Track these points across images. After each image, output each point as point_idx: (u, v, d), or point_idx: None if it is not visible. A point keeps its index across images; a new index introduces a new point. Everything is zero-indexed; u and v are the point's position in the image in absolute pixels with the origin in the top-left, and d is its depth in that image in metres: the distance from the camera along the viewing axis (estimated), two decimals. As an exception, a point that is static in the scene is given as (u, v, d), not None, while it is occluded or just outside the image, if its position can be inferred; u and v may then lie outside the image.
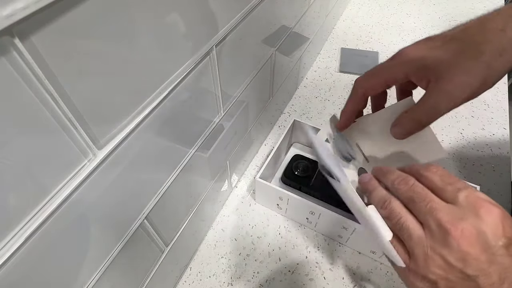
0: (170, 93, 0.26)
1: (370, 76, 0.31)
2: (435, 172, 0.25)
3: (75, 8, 0.16)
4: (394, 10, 0.88)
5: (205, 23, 0.28)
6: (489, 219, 0.22)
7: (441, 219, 0.22)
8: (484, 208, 0.22)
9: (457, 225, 0.22)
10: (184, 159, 0.33)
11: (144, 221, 0.30)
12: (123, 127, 0.23)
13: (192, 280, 0.44)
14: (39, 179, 0.18)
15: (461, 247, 0.21)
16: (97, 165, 0.22)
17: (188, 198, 0.37)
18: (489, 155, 0.55)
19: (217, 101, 0.35)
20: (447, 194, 0.24)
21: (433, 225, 0.23)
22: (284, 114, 0.64)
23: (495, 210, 0.22)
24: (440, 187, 0.25)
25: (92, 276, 0.26)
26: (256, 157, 0.57)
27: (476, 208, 0.22)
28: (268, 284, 0.43)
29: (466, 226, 0.22)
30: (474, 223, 0.22)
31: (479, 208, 0.22)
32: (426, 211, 0.23)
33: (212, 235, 0.48)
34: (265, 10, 0.38)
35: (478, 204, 0.23)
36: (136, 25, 0.21)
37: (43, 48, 0.15)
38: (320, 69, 0.72)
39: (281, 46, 0.49)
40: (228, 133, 0.41)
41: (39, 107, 0.17)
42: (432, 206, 0.23)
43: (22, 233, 0.18)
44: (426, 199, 0.24)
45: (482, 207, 0.22)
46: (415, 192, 0.25)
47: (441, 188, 0.24)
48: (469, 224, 0.22)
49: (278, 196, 0.45)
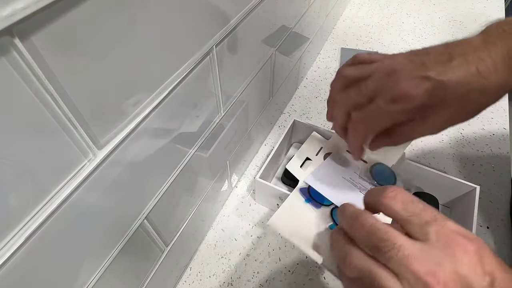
0: (170, 93, 0.26)
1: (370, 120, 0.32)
2: (394, 198, 0.23)
3: (75, 8, 0.16)
4: (394, 10, 0.88)
5: (205, 23, 0.28)
6: (466, 259, 0.20)
7: (418, 271, 0.20)
8: (459, 245, 0.21)
9: (437, 276, 0.20)
10: (184, 159, 0.33)
11: (144, 221, 0.30)
12: (123, 127, 0.23)
13: (192, 280, 0.44)
14: (39, 179, 0.18)
15: None
16: (97, 165, 0.22)
17: (188, 198, 0.37)
18: (489, 155, 0.55)
19: (217, 101, 0.35)
20: (415, 228, 0.22)
21: (411, 279, 0.20)
22: (284, 114, 0.64)
23: (470, 245, 0.21)
24: (405, 218, 0.22)
25: (92, 276, 0.26)
26: (256, 157, 0.57)
27: (451, 246, 0.21)
28: (268, 284, 0.43)
29: (446, 275, 0.20)
30: (453, 268, 0.20)
31: (454, 246, 0.21)
32: (398, 261, 0.21)
33: (212, 235, 0.48)
34: (265, 10, 0.38)
35: (452, 241, 0.21)
36: (136, 25, 0.21)
37: (43, 48, 0.15)
38: (320, 69, 0.72)
39: (281, 46, 0.49)
40: (228, 133, 0.41)
41: (39, 107, 0.17)
42: (404, 254, 0.21)
43: (22, 233, 0.18)
44: (395, 245, 0.21)
45: (456, 244, 0.21)
46: (379, 239, 0.22)
47: (406, 220, 0.22)
48: (449, 272, 0.20)
49: (278, 196, 0.45)
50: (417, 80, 0.28)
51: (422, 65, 0.29)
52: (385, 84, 0.30)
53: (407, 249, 0.21)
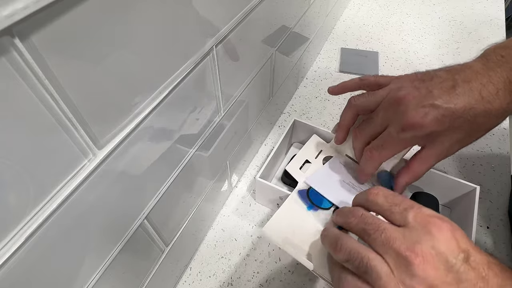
0: (170, 93, 0.26)
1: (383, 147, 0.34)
2: (378, 194, 0.27)
3: (75, 8, 0.16)
4: (394, 10, 0.88)
5: (205, 23, 0.28)
6: (442, 236, 0.22)
7: (399, 248, 0.22)
8: (434, 225, 0.23)
9: (416, 251, 0.22)
10: (184, 159, 0.33)
11: (144, 221, 0.30)
12: (123, 127, 0.23)
13: (192, 280, 0.44)
14: (39, 179, 0.18)
15: (427, 273, 0.21)
16: (97, 165, 0.22)
17: (188, 198, 0.37)
18: (489, 155, 0.55)
19: (217, 101, 0.35)
20: (396, 216, 0.25)
21: (394, 256, 0.23)
22: (284, 114, 0.64)
23: (444, 225, 0.23)
24: (387, 208, 0.26)
25: (92, 276, 0.26)
26: (256, 157, 0.57)
27: (427, 226, 0.23)
28: (268, 284, 0.43)
29: (424, 249, 0.22)
30: (430, 245, 0.22)
31: (430, 226, 0.23)
32: (383, 242, 0.23)
33: (212, 235, 0.48)
34: (265, 10, 0.38)
35: (427, 222, 0.23)
36: (136, 25, 0.21)
37: (43, 48, 0.15)
38: (320, 69, 0.72)
39: (281, 46, 0.49)
40: (228, 133, 0.41)
41: (39, 107, 0.17)
42: (387, 236, 0.23)
43: (22, 233, 0.18)
44: (380, 229, 0.24)
45: (432, 224, 0.23)
46: (366, 223, 0.25)
47: (389, 210, 0.25)
48: (426, 247, 0.22)
49: (278, 196, 0.45)
50: (426, 108, 0.30)
51: (429, 93, 0.31)
52: (395, 112, 0.32)
53: (389, 231, 0.24)
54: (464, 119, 0.30)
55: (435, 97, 0.30)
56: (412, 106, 0.31)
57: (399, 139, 0.32)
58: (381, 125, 0.34)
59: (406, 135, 0.31)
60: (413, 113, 0.30)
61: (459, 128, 0.30)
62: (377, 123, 0.34)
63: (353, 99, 0.38)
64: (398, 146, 0.33)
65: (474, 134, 0.31)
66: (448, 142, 0.32)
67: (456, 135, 0.31)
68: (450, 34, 0.79)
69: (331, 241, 0.27)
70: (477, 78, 0.30)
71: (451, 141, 0.32)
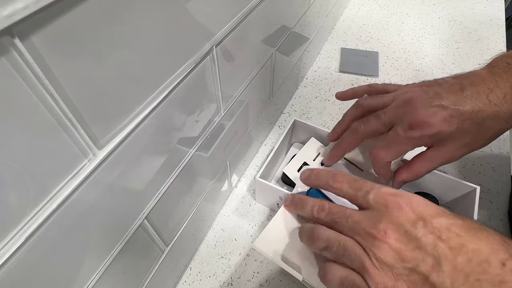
0: (170, 93, 0.26)
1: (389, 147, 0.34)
2: (343, 181, 0.28)
3: (76, 8, 0.16)
4: (394, 10, 0.88)
5: (205, 23, 0.28)
6: (400, 212, 0.24)
7: (365, 228, 0.25)
8: (391, 202, 0.25)
9: (379, 228, 0.24)
10: (185, 159, 0.33)
11: (144, 221, 0.30)
12: (123, 127, 0.23)
13: (192, 280, 0.44)
14: (39, 179, 0.18)
15: (392, 246, 0.23)
16: (97, 165, 0.22)
17: (188, 198, 0.37)
18: (489, 155, 0.55)
19: (217, 101, 0.35)
20: (360, 200, 0.27)
21: (361, 235, 0.25)
22: (284, 114, 0.64)
23: (401, 199, 0.25)
24: (352, 194, 0.27)
25: (92, 276, 0.26)
26: (256, 157, 0.57)
27: (385, 205, 0.25)
28: (268, 284, 0.43)
29: (385, 225, 0.24)
30: (390, 221, 0.24)
31: (387, 204, 0.25)
32: (350, 227, 0.26)
33: (212, 235, 0.48)
34: (265, 10, 0.38)
35: (385, 201, 0.25)
36: (136, 25, 0.21)
37: (43, 48, 0.15)
38: (320, 69, 0.72)
39: (281, 46, 0.49)
40: (228, 133, 0.41)
41: (39, 107, 0.17)
42: (354, 220, 0.26)
43: (22, 233, 0.18)
44: (346, 215, 0.26)
45: (389, 201, 0.25)
46: (334, 213, 0.28)
47: (353, 195, 0.27)
48: (386, 223, 0.24)
49: (278, 196, 0.45)
50: (434, 108, 0.31)
51: (437, 95, 0.31)
52: (403, 112, 0.33)
53: (354, 216, 0.26)
54: (472, 121, 0.30)
55: (443, 98, 0.31)
56: (420, 106, 0.31)
57: (406, 137, 0.32)
58: (386, 124, 0.34)
59: (414, 134, 0.31)
60: (422, 112, 0.31)
61: (467, 131, 0.30)
62: (383, 121, 0.34)
63: (361, 99, 0.38)
64: (404, 145, 0.33)
65: (481, 138, 0.31)
66: (455, 145, 0.32)
67: (464, 138, 0.31)
68: (450, 34, 0.79)
69: (308, 234, 0.29)
70: (484, 83, 0.30)
71: (458, 144, 0.32)
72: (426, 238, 0.23)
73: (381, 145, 0.35)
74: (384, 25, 0.84)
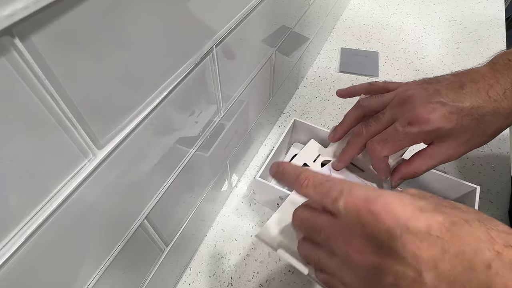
0: (170, 93, 0.26)
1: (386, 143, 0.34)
2: (307, 186, 0.26)
3: (76, 8, 0.16)
4: (394, 10, 0.88)
5: (205, 23, 0.28)
6: (373, 219, 0.22)
7: (336, 244, 0.24)
8: (362, 210, 0.22)
9: (352, 244, 0.23)
10: (185, 159, 0.33)
11: (144, 221, 0.30)
12: (123, 127, 0.23)
13: (192, 280, 0.44)
14: (39, 179, 0.18)
15: (368, 263, 0.22)
16: (97, 165, 0.22)
17: (188, 198, 0.37)
18: (489, 155, 0.55)
19: (217, 101, 0.35)
20: (328, 207, 0.24)
21: (338, 252, 0.24)
22: (284, 114, 0.64)
23: (374, 207, 0.22)
24: (319, 201, 0.25)
25: (92, 276, 0.26)
26: (256, 157, 0.57)
27: (357, 215, 0.23)
28: (268, 284, 0.43)
29: (358, 241, 0.22)
30: (361, 233, 0.22)
31: (359, 213, 0.22)
32: (323, 240, 0.25)
33: (212, 235, 0.48)
34: (265, 10, 0.38)
35: (357, 208, 0.23)
36: (136, 25, 0.21)
37: (43, 48, 0.15)
38: (320, 69, 0.72)
39: (281, 46, 0.49)
40: (228, 133, 0.41)
41: (39, 107, 0.17)
42: (326, 234, 0.25)
43: (22, 233, 0.18)
44: (317, 229, 0.25)
45: (361, 210, 0.22)
46: (306, 227, 0.27)
47: (320, 202, 0.25)
48: (359, 237, 0.22)
49: (278, 196, 0.45)
50: (433, 105, 0.31)
51: (436, 92, 0.31)
52: (402, 109, 0.33)
53: (327, 228, 0.25)
54: (471, 118, 0.30)
55: (442, 95, 0.31)
56: (420, 103, 0.31)
57: (405, 133, 0.32)
58: (387, 123, 0.34)
59: (412, 130, 0.31)
60: (421, 108, 0.31)
61: (467, 127, 0.30)
62: (384, 121, 0.35)
63: (361, 100, 0.38)
64: (402, 141, 0.33)
65: (481, 134, 0.31)
66: (455, 142, 0.32)
67: (464, 134, 0.31)
68: (450, 34, 0.79)
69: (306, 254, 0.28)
70: (484, 79, 0.30)
71: (458, 141, 0.31)
72: (404, 249, 0.21)
73: (378, 139, 0.35)
74: (384, 25, 0.83)
